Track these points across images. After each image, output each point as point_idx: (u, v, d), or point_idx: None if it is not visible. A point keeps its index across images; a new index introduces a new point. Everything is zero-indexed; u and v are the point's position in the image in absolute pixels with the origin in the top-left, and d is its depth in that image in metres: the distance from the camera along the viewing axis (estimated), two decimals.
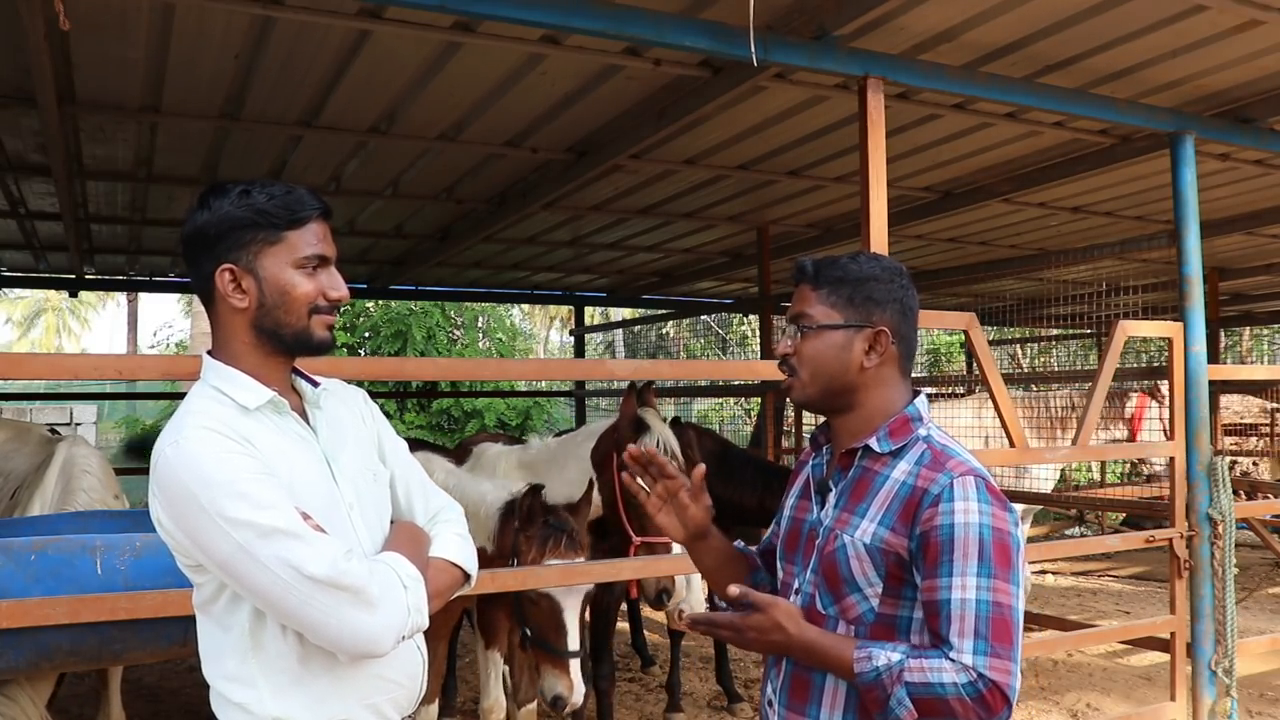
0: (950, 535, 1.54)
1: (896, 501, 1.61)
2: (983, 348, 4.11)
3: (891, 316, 1.69)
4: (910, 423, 1.69)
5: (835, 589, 1.66)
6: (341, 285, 1.65)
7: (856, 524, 1.64)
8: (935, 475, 1.59)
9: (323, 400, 1.72)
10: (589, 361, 9.33)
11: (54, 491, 3.69)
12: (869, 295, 1.69)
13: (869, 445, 1.68)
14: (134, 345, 28.68)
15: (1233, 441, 10.56)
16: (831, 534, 1.68)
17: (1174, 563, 4.53)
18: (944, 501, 1.56)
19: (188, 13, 3.49)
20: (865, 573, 1.62)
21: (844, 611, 1.65)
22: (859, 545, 1.62)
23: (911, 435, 1.67)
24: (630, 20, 3.27)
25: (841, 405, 1.72)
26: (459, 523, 1.82)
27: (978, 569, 1.52)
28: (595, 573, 3.84)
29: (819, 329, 1.69)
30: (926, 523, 1.56)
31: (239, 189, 1.59)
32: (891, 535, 1.60)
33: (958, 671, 1.49)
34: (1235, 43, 3.90)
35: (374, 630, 1.50)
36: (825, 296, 1.70)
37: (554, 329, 29.48)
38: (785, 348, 1.74)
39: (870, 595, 1.62)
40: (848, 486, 1.70)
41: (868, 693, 1.54)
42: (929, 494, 1.57)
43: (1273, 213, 6.96)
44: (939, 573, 1.53)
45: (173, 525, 1.52)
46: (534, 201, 6.00)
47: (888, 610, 1.61)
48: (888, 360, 1.70)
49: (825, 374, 1.69)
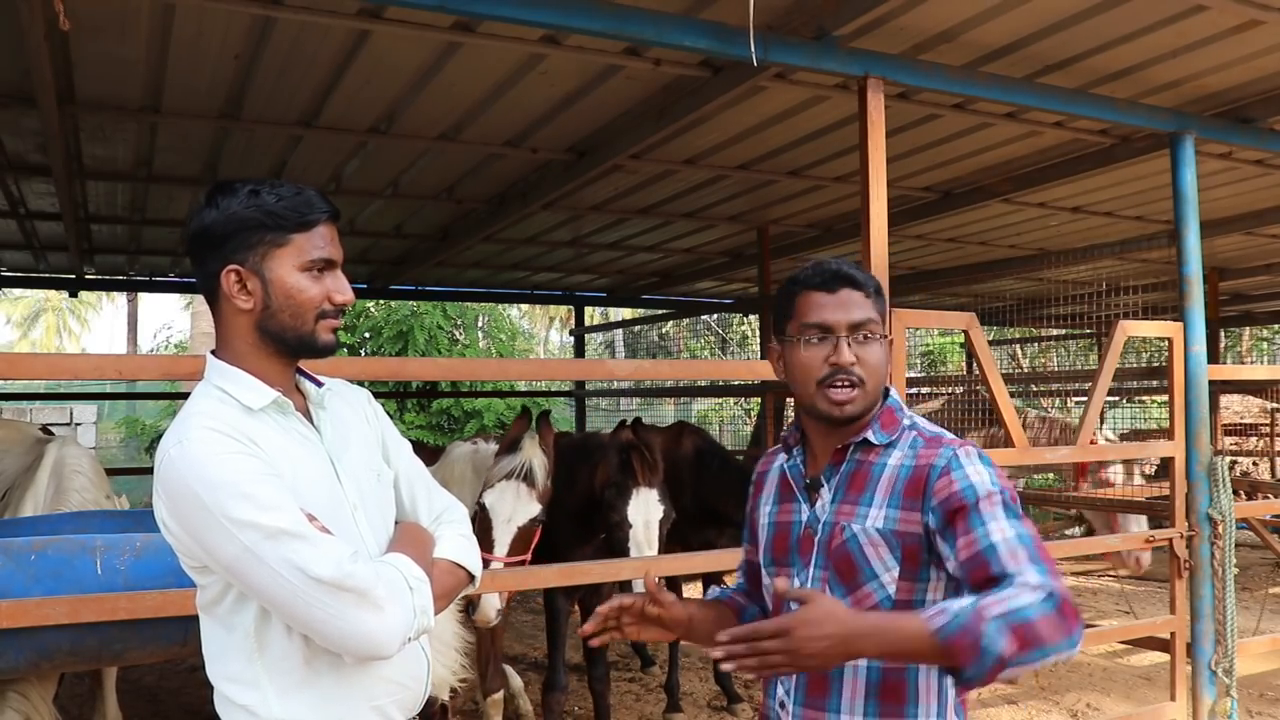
0: (974, 495, 1.57)
1: (900, 483, 1.64)
2: (983, 348, 4.11)
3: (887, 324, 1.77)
4: (895, 413, 1.73)
5: (850, 580, 1.64)
6: (347, 289, 1.65)
7: (864, 513, 1.65)
8: (935, 451, 1.64)
9: (327, 400, 1.71)
10: (589, 361, 9.33)
11: (46, 492, 3.69)
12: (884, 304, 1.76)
13: (867, 438, 1.70)
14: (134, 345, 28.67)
15: (1233, 441, 10.57)
16: (836, 527, 1.67)
17: (1174, 563, 4.52)
18: (954, 470, 1.60)
19: (188, 13, 3.49)
20: (882, 557, 1.62)
21: (859, 602, 1.63)
22: (871, 532, 1.63)
23: (899, 425, 1.71)
24: (630, 20, 3.26)
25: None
26: (463, 523, 1.82)
27: (1005, 515, 1.55)
28: (595, 573, 3.85)
29: (881, 338, 1.70)
30: (942, 491, 1.59)
31: (248, 188, 1.59)
32: (903, 515, 1.62)
33: (1032, 591, 1.43)
34: (1235, 43, 3.90)
35: (380, 632, 1.49)
36: (875, 304, 1.71)
37: (554, 329, 29.48)
38: (849, 358, 1.66)
39: (887, 581, 1.62)
40: (844, 480, 1.70)
41: (956, 643, 1.37)
42: (935, 468, 1.61)
43: (1273, 213, 6.96)
44: (973, 526, 1.54)
45: (177, 526, 1.51)
46: (534, 201, 6.00)
47: (904, 596, 1.61)
48: None
49: (877, 384, 1.70)
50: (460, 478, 4.27)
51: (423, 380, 12.06)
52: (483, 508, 3.88)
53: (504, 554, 3.78)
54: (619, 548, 4.00)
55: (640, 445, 4.08)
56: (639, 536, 3.97)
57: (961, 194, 6.35)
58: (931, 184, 6.24)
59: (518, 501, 3.88)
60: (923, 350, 17.37)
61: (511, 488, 3.91)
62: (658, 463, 4.09)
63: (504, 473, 3.96)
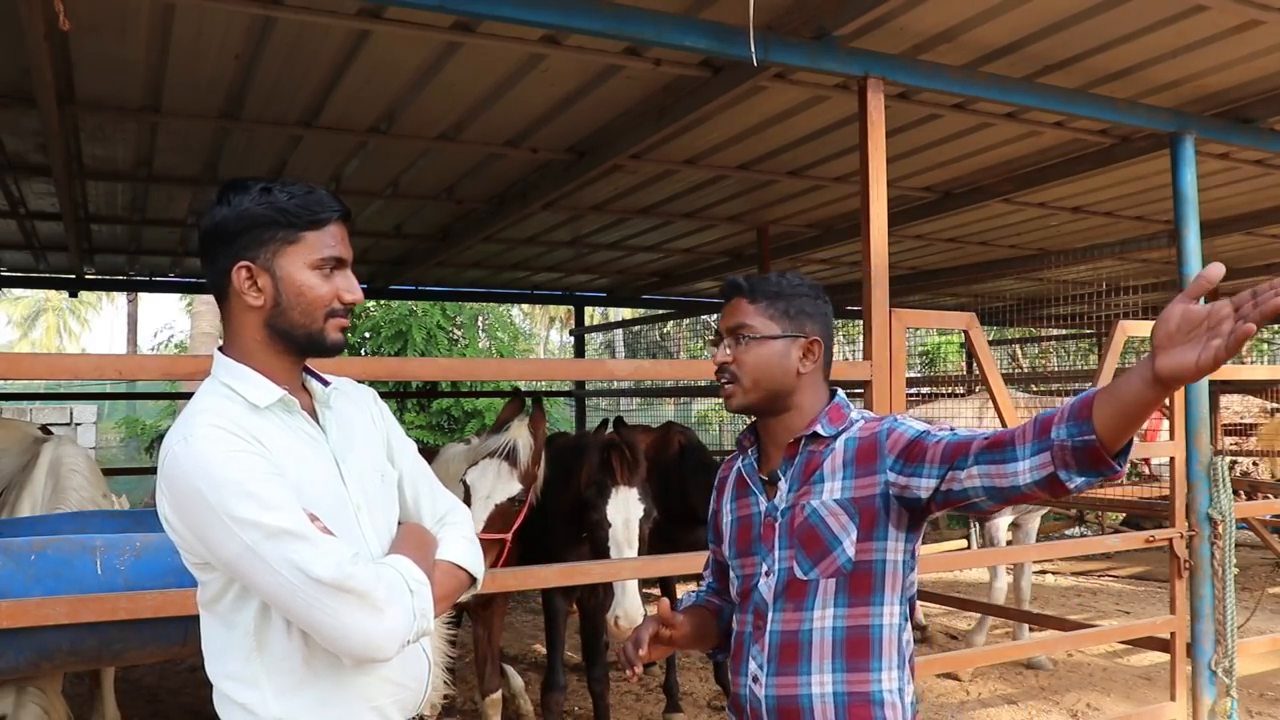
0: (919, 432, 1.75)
1: (851, 454, 1.80)
2: (983, 348, 4.11)
3: (820, 328, 1.89)
4: (842, 409, 1.88)
5: (814, 551, 1.77)
6: (356, 288, 1.65)
7: (819, 490, 1.80)
8: (877, 424, 1.82)
9: (333, 400, 1.71)
10: (589, 361, 9.32)
11: (44, 491, 3.69)
12: (802, 309, 1.87)
13: (816, 431, 1.84)
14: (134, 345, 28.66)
15: (1233, 441, 10.56)
16: (796, 509, 1.81)
17: (1174, 563, 4.53)
18: (898, 427, 1.78)
19: (188, 13, 3.49)
20: (843, 524, 1.76)
21: (824, 570, 1.76)
22: (830, 503, 1.78)
23: (846, 419, 1.87)
24: (630, 20, 3.27)
25: (779, 408, 1.88)
26: (466, 525, 1.82)
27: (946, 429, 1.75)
28: (595, 573, 3.85)
29: (761, 339, 1.85)
30: (895, 445, 1.75)
31: (260, 186, 1.59)
32: (858, 483, 1.77)
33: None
34: (1235, 43, 3.90)
35: (379, 634, 1.49)
36: (763, 309, 1.86)
37: (554, 329, 29.48)
38: (724, 357, 1.87)
39: (848, 545, 1.76)
40: (798, 470, 1.84)
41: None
42: (881, 432, 1.79)
43: (1273, 213, 6.96)
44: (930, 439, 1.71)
45: (180, 523, 1.51)
46: (534, 201, 6.00)
47: (863, 556, 1.75)
48: (818, 366, 1.89)
49: (767, 380, 1.85)
50: (454, 476, 4.28)
51: (423, 380, 12.06)
52: (464, 485, 3.92)
53: (480, 530, 3.78)
54: (599, 547, 4.01)
55: (620, 444, 4.08)
56: (619, 536, 3.96)
57: (961, 194, 6.35)
58: (931, 184, 6.24)
59: (498, 479, 3.91)
60: (922, 350, 17.36)
61: (493, 465, 3.95)
62: (639, 462, 4.08)
63: (488, 451, 4.01)
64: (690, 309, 12.34)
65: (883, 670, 1.76)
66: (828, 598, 1.76)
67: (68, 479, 3.74)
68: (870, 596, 1.76)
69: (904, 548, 1.78)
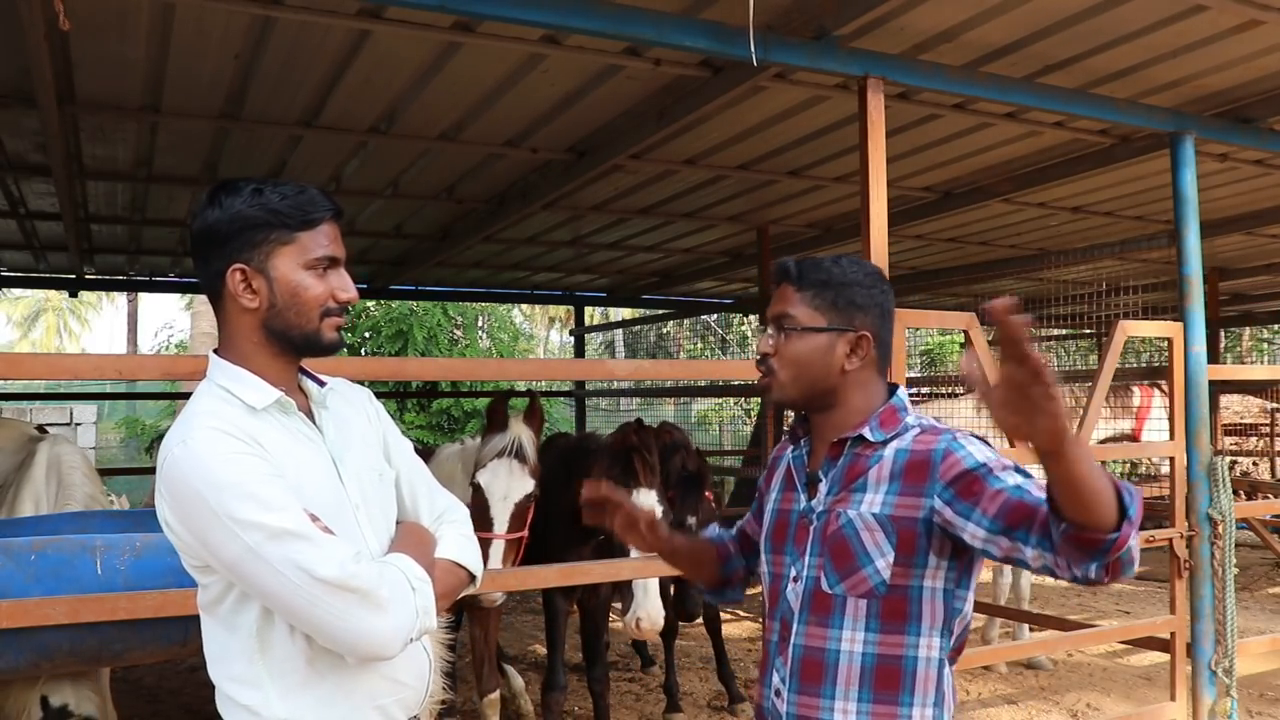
0: (979, 464, 1.58)
1: (898, 468, 1.65)
2: (983, 348, 4.11)
3: (873, 321, 1.73)
4: (898, 413, 1.73)
5: (844, 565, 1.66)
6: (351, 287, 1.65)
7: (859, 499, 1.67)
8: (934, 438, 1.65)
9: (329, 400, 1.72)
10: (589, 361, 9.33)
11: (48, 490, 3.69)
12: (852, 299, 1.72)
13: (863, 435, 1.71)
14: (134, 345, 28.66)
15: (1233, 441, 10.57)
16: (831, 515, 1.69)
17: (1174, 563, 4.53)
18: (956, 451, 1.61)
19: (188, 13, 3.49)
20: (878, 542, 1.63)
21: (853, 587, 1.65)
22: (867, 516, 1.65)
23: (901, 424, 1.72)
24: (630, 20, 3.27)
25: (822, 405, 1.76)
26: (464, 523, 1.82)
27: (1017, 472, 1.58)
28: (595, 573, 3.86)
29: (803, 331, 1.72)
30: (949, 471, 1.59)
31: (251, 187, 1.59)
32: (900, 501, 1.63)
33: None
34: (1235, 43, 3.90)
35: (383, 632, 1.49)
36: (809, 298, 1.73)
37: (554, 329, 29.49)
38: (766, 347, 1.75)
39: (882, 567, 1.63)
40: (840, 473, 1.72)
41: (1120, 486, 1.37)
42: (936, 451, 1.62)
43: (1273, 213, 6.96)
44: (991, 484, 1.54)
45: (180, 525, 1.51)
46: (534, 201, 6.00)
47: (899, 580, 1.62)
48: (868, 363, 1.74)
49: (807, 376, 1.72)
50: (450, 476, 4.29)
51: (423, 380, 12.05)
52: (477, 488, 3.90)
53: (504, 530, 3.81)
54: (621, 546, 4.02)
55: (641, 447, 4.11)
56: None
57: (961, 194, 6.35)
58: (931, 184, 6.24)
59: (511, 478, 3.92)
60: (922, 350, 17.37)
61: (505, 465, 3.95)
62: (657, 465, 4.12)
63: (495, 451, 4.01)
64: (690, 309, 12.34)
65: (914, 707, 1.62)
66: (858, 620, 1.65)
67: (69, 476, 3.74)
68: (905, 625, 1.63)
69: (946, 575, 1.64)
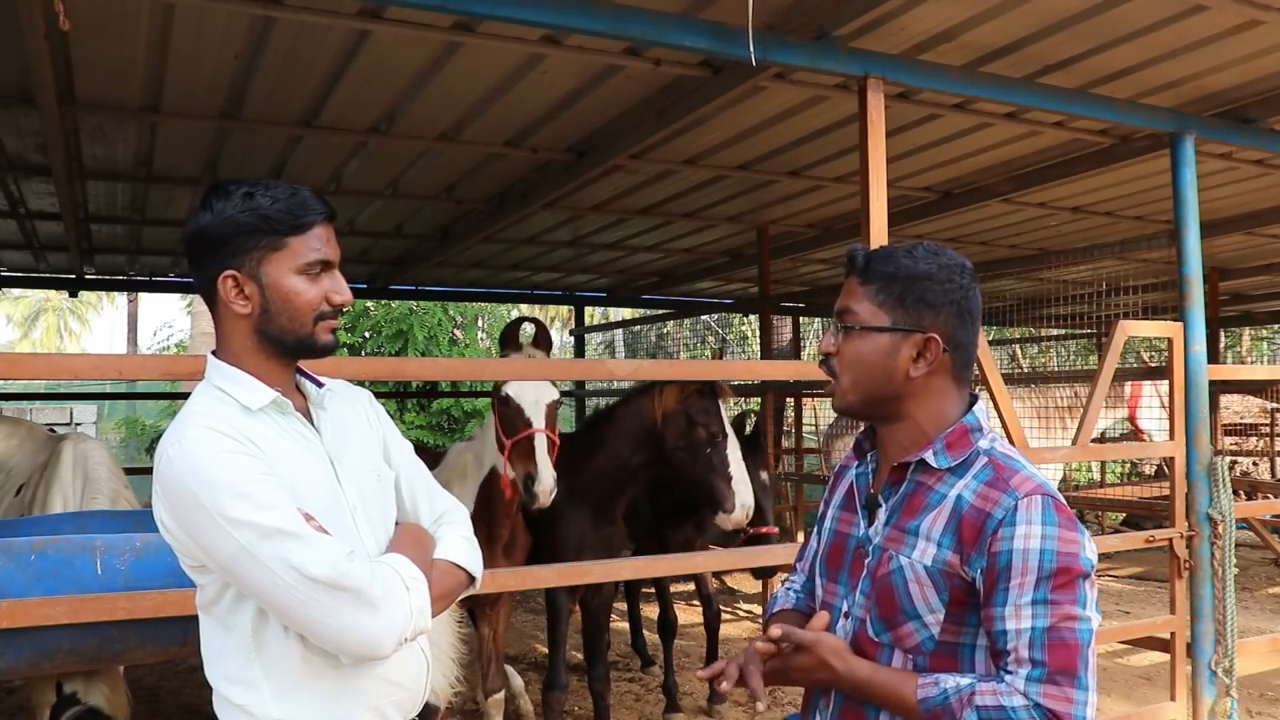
0: (1008, 562, 1.42)
1: (955, 519, 1.48)
2: (982, 348, 4.11)
3: (945, 321, 1.53)
4: (969, 434, 1.54)
5: (891, 616, 1.52)
6: (345, 289, 1.65)
7: (913, 543, 1.51)
8: (999, 496, 1.46)
9: (327, 401, 1.72)
10: (589, 361, 9.32)
11: (74, 486, 3.70)
12: (921, 296, 1.52)
13: (924, 460, 1.53)
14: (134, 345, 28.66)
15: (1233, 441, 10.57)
16: (884, 554, 1.54)
17: (1174, 563, 4.52)
18: (1006, 526, 1.43)
19: (188, 13, 3.49)
20: (926, 598, 1.49)
21: (900, 640, 1.52)
22: (918, 568, 1.49)
23: (971, 449, 1.53)
24: (630, 20, 3.26)
25: (886, 415, 1.58)
26: (464, 525, 1.82)
27: (1034, 596, 1.40)
28: (595, 573, 3.86)
29: (863, 330, 1.54)
30: (993, 546, 1.44)
31: (242, 190, 1.58)
32: (953, 556, 1.47)
33: (1024, 700, 1.39)
34: (1235, 43, 3.90)
35: (375, 632, 1.49)
36: (874, 294, 1.54)
37: (554, 329, 29.49)
38: (828, 345, 1.59)
39: (931, 623, 1.49)
40: (900, 503, 1.56)
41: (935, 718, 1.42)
42: (993, 518, 1.45)
43: (1273, 213, 6.96)
44: (994, 601, 1.43)
45: (175, 525, 1.52)
46: (534, 201, 5.99)
47: (949, 638, 1.49)
48: (939, 369, 1.54)
49: (867, 381, 1.55)
50: (462, 471, 4.29)
51: (423, 380, 12.06)
52: (506, 398, 3.87)
53: (544, 426, 3.81)
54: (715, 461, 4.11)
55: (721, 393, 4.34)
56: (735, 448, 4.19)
57: (961, 194, 6.34)
58: (931, 184, 6.24)
59: (539, 384, 3.92)
60: None
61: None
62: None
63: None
64: (690, 309, 12.34)
65: None
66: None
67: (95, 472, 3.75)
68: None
69: None
